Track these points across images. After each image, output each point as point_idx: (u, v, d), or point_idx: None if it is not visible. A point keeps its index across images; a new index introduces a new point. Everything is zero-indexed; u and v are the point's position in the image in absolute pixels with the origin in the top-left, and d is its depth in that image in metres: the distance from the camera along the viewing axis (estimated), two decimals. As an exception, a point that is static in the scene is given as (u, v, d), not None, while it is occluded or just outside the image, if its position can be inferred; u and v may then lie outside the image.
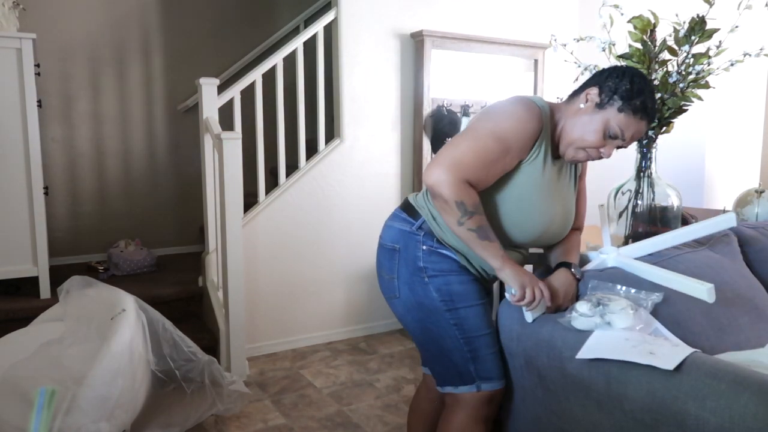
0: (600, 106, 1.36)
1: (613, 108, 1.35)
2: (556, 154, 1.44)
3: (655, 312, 1.40)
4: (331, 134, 3.40)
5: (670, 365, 1.11)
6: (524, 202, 1.39)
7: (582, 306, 1.34)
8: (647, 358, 1.15)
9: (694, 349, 1.17)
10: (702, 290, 1.37)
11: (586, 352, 1.25)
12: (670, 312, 1.43)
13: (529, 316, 1.41)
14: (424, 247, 1.44)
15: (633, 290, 1.42)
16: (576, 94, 1.43)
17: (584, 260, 1.64)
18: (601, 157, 1.42)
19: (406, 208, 1.52)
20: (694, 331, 1.42)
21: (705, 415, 1.04)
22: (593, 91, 1.37)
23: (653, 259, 1.58)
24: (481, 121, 1.37)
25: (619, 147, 1.41)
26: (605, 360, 1.21)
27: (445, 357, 1.46)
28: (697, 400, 1.06)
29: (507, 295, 1.37)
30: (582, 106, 1.38)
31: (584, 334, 1.30)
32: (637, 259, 1.58)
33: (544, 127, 1.37)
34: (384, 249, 1.53)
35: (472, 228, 1.30)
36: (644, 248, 1.61)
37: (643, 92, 1.35)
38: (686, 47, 1.78)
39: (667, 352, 1.16)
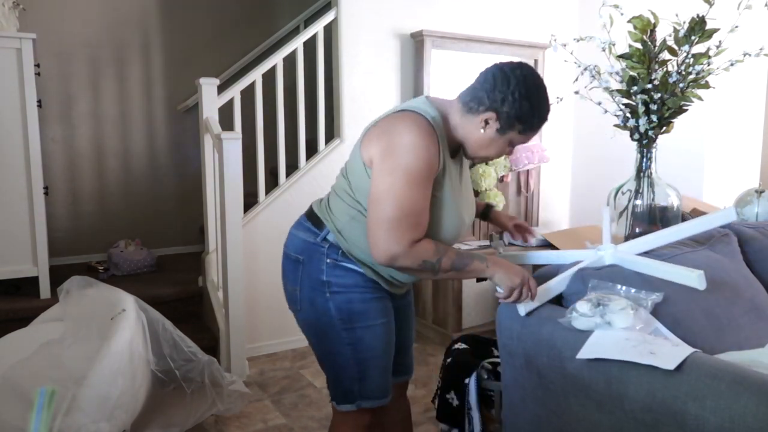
0: (501, 131, 1.33)
1: (514, 131, 1.33)
2: (455, 155, 1.42)
3: (655, 312, 1.40)
4: (331, 134, 3.40)
5: (671, 365, 1.11)
6: (442, 207, 1.36)
7: (582, 306, 1.34)
8: (648, 358, 1.15)
9: (694, 349, 1.17)
10: (692, 277, 1.37)
11: (586, 352, 1.25)
12: (671, 311, 1.43)
13: (521, 310, 1.42)
14: (329, 260, 1.39)
15: (633, 290, 1.42)
16: (469, 108, 1.35)
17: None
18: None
19: (311, 216, 1.47)
20: (695, 330, 1.42)
21: (705, 415, 1.04)
22: (490, 117, 1.31)
23: (651, 257, 1.58)
24: (385, 168, 1.27)
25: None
26: (605, 360, 1.21)
27: (334, 373, 1.46)
28: (697, 400, 1.06)
29: (496, 293, 1.39)
30: (481, 130, 1.34)
31: (584, 334, 1.30)
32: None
33: (440, 139, 1.32)
34: (288, 259, 1.47)
35: (448, 269, 1.29)
36: (643, 245, 1.61)
37: (540, 105, 1.31)
38: (686, 47, 1.78)
39: (668, 352, 1.16)
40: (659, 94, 1.79)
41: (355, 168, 1.38)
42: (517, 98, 1.29)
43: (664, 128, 1.86)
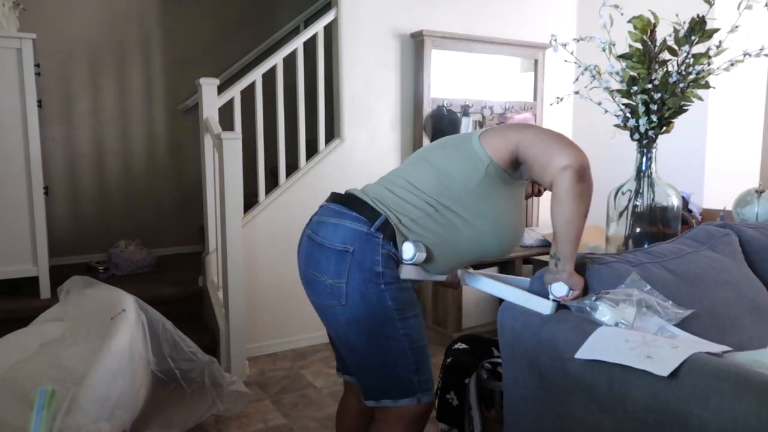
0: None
1: None
2: None
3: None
4: (331, 134, 3.40)
5: (665, 371, 1.10)
6: (509, 214, 1.41)
7: (585, 300, 1.35)
8: (643, 363, 1.14)
9: (693, 351, 1.16)
10: (546, 305, 1.40)
11: (584, 352, 1.25)
12: (672, 312, 1.43)
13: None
14: (383, 251, 1.35)
15: (666, 302, 1.38)
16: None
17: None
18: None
19: (356, 205, 1.39)
20: (697, 332, 1.42)
21: (707, 416, 1.04)
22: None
23: (648, 256, 1.58)
24: (530, 129, 1.39)
25: None
26: (606, 361, 1.21)
27: (389, 369, 1.39)
28: (699, 401, 1.06)
29: (556, 292, 1.38)
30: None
31: (586, 334, 1.29)
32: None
33: None
34: (330, 250, 1.37)
35: (585, 212, 1.31)
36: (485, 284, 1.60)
37: None
38: (686, 47, 1.78)
39: (665, 355, 1.15)
40: (659, 94, 1.79)
41: (465, 164, 1.38)
42: None
43: (664, 128, 1.86)
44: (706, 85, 1.81)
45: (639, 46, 1.80)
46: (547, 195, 1.43)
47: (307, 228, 1.49)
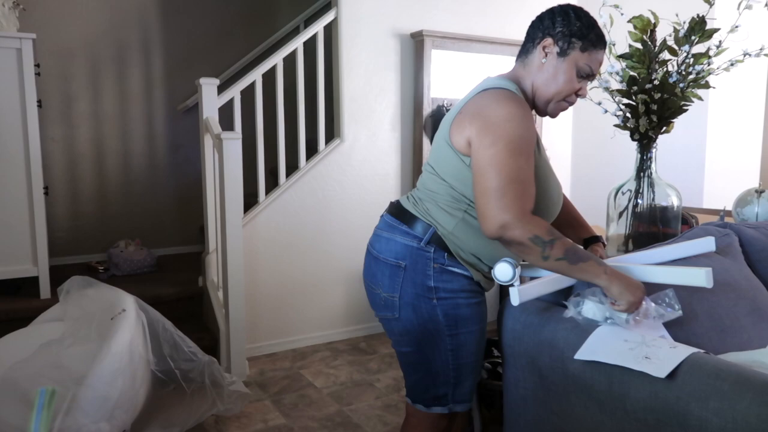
0: (562, 53, 1.33)
1: (576, 50, 1.32)
2: None
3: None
4: (331, 134, 3.40)
5: (662, 373, 1.10)
6: (543, 186, 1.33)
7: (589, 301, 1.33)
8: (641, 364, 1.14)
9: (691, 351, 1.16)
10: (699, 276, 1.30)
11: (583, 353, 1.25)
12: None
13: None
14: (435, 265, 1.34)
15: (654, 303, 1.32)
16: (527, 51, 1.38)
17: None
18: (578, 99, 1.39)
19: (405, 218, 1.39)
20: (697, 332, 1.42)
21: (707, 416, 1.04)
22: (547, 44, 1.34)
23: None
24: (485, 143, 1.23)
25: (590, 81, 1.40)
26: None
27: (429, 378, 1.41)
28: (699, 401, 1.06)
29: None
30: (543, 61, 1.35)
31: (586, 334, 1.29)
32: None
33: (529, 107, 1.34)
34: (384, 264, 1.39)
35: (560, 257, 1.20)
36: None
37: (592, 24, 1.34)
38: (686, 47, 1.78)
39: (663, 356, 1.15)
40: (659, 94, 1.79)
41: (449, 166, 1.33)
42: (566, 18, 1.33)
43: (664, 128, 1.86)
44: (706, 85, 1.81)
45: (639, 46, 1.80)
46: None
47: (370, 239, 1.51)
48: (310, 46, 3.27)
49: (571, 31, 1.32)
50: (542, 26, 1.36)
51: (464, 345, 1.37)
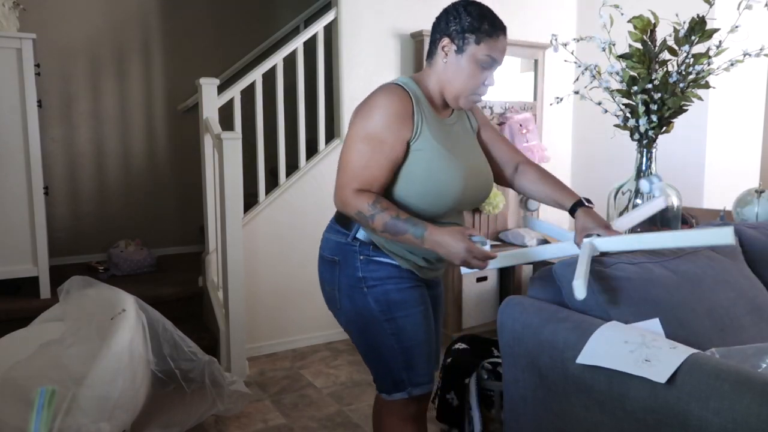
0: (459, 50, 1.39)
1: (471, 44, 1.38)
2: (445, 115, 1.49)
3: (659, 312, 1.39)
4: (331, 134, 3.40)
5: (662, 377, 1.10)
6: (432, 174, 1.39)
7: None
8: (641, 368, 1.14)
9: (691, 352, 1.16)
10: (721, 234, 1.29)
11: (585, 358, 1.25)
12: (674, 314, 1.43)
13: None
14: (361, 257, 1.44)
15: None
16: (431, 53, 1.46)
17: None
18: (487, 89, 1.46)
19: (339, 218, 1.52)
20: (697, 332, 1.42)
21: (708, 416, 1.04)
22: (445, 44, 1.40)
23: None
24: (350, 128, 1.44)
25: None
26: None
27: (382, 365, 1.48)
28: (699, 401, 1.06)
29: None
30: (445, 60, 1.41)
31: (586, 335, 1.29)
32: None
33: (415, 100, 1.40)
34: (324, 261, 1.53)
35: (382, 229, 1.33)
36: (629, 243, 1.49)
37: (483, 14, 1.38)
38: (686, 47, 1.78)
39: (664, 358, 1.15)
40: (659, 94, 1.79)
41: None
42: (457, 15, 1.38)
43: (664, 128, 1.86)
44: (706, 85, 1.81)
45: (639, 46, 1.80)
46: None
47: None
48: (310, 46, 3.27)
49: (463, 28, 1.38)
50: (440, 27, 1.42)
51: (404, 328, 1.44)
